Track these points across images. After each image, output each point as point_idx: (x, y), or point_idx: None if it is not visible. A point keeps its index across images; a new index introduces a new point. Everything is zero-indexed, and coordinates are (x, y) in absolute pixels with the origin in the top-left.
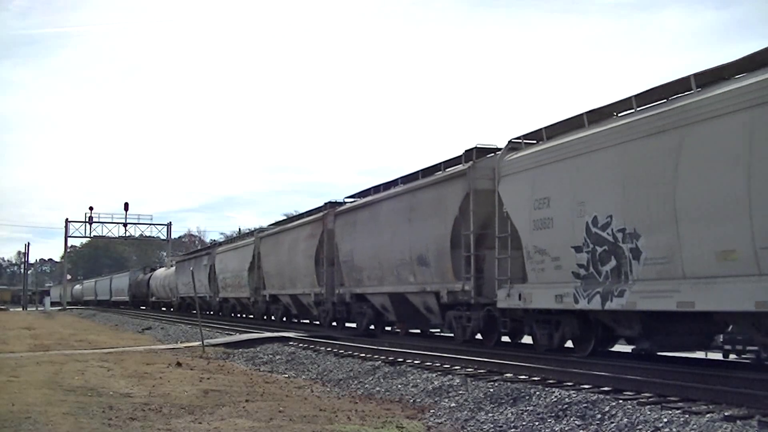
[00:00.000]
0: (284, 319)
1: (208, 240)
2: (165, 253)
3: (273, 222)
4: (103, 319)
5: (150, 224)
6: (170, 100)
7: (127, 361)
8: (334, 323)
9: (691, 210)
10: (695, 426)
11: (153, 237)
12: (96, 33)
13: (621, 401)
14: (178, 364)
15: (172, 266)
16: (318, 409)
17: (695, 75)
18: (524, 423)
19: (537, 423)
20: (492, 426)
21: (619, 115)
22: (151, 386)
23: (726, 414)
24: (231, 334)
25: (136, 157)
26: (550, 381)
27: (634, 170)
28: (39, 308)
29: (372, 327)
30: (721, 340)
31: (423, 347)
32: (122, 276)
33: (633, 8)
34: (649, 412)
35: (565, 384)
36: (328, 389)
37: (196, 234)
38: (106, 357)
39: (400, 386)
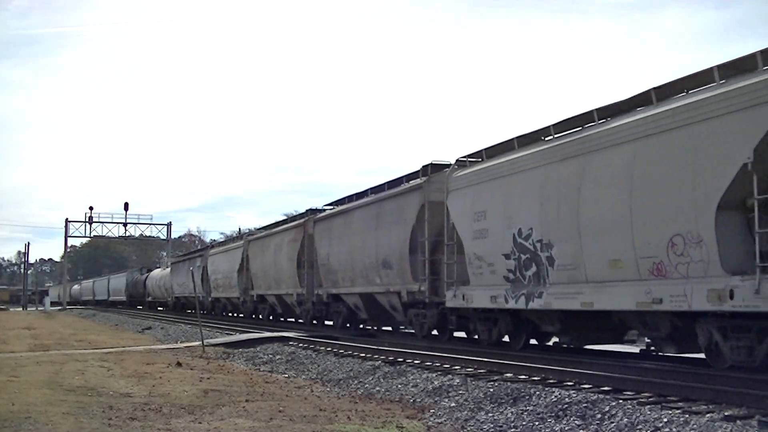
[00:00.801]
0: (270, 317)
1: (208, 240)
2: (165, 253)
3: (261, 226)
4: (103, 319)
5: (150, 224)
6: (170, 100)
7: (127, 361)
8: (315, 321)
9: (591, 225)
10: (695, 426)
11: (153, 237)
12: (96, 33)
13: (621, 401)
14: (178, 364)
15: (167, 267)
16: (318, 409)
17: (597, 109)
18: (524, 423)
19: (537, 423)
20: (492, 426)
21: (546, 138)
22: (151, 386)
23: (726, 414)
24: (231, 334)
25: (136, 157)
26: (550, 381)
27: (549, 190)
28: (39, 308)
29: (348, 325)
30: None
31: (423, 347)
32: (119, 276)
33: (633, 8)
34: (649, 412)
35: (565, 384)
36: (328, 389)
37: (196, 234)
38: (106, 357)
39: (400, 386)
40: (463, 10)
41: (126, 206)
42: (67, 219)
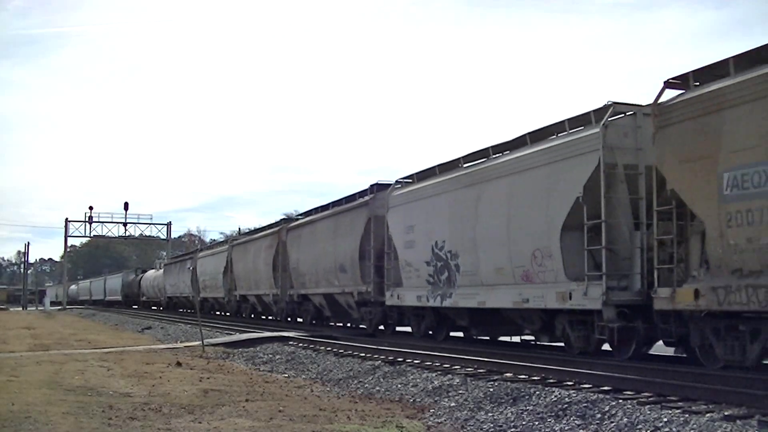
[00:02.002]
0: (252, 315)
1: (208, 240)
2: (165, 253)
3: (243, 232)
4: (103, 319)
5: (150, 224)
6: (170, 100)
7: (127, 361)
8: (289, 318)
9: (484, 240)
10: (695, 425)
11: (153, 237)
12: (96, 33)
13: (621, 401)
14: (178, 364)
15: (160, 269)
16: (318, 409)
17: (492, 146)
18: (524, 422)
19: (537, 422)
20: (492, 425)
21: (464, 165)
22: (150, 386)
23: (726, 413)
24: (231, 334)
25: (135, 157)
26: (550, 380)
27: (456, 210)
28: (39, 308)
29: (314, 321)
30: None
31: (423, 347)
32: (115, 277)
33: (633, 8)
34: (648, 412)
35: (565, 383)
36: (328, 389)
37: (196, 234)
38: (106, 357)
39: (399, 386)
40: (463, 10)
41: (126, 206)
42: (67, 219)
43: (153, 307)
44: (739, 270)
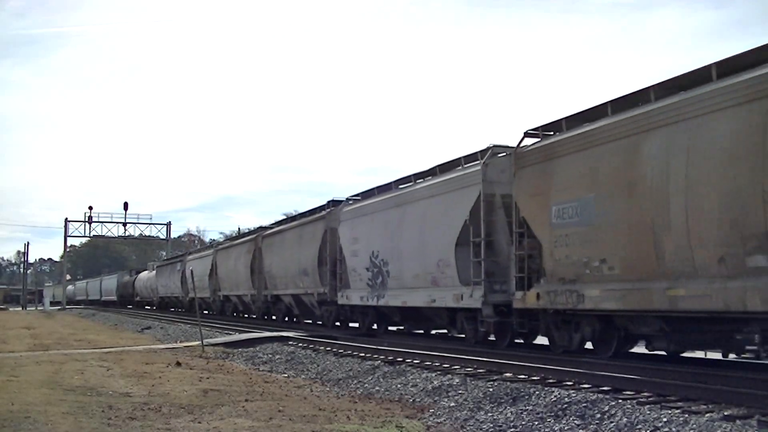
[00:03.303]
0: (234, 314)
1: (207, 240)
2: (165, 253)
3: (226, 238)
4: (103, 319)
5: (149, 224)
6: (170, 100)
7: (127, 361)
8: (265, 317)
9: (406, 251)
10: (694, 425)
11: (152, 236)
12: (96, 33)
13: (620, 401)
14: (178, 364)
15: (153, 270)
16: (317, 409)
17: (414, 174)
18: (524, 422)
19: (536, 422)
20: (491, 425)
21: (400, 187)
22: (150, 386)
23: (725, 413)
24: (230, 334)
25: (135, 157)
26: (550, 380)
27: (387, 226)
28: (39, 308)
29: (286, 318)
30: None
31: (422, 347)
32: (111, 278)
33: (632, 8)
34: (648, 412)
35: (564, 383)
36: (328, 389)
37: (196, 234)
38: (106, 356)
39: (399, 386)
40: (463, 10)
41: (125, 206)
42: (66, 219)
43: (147, 307)
44: (563, 278)
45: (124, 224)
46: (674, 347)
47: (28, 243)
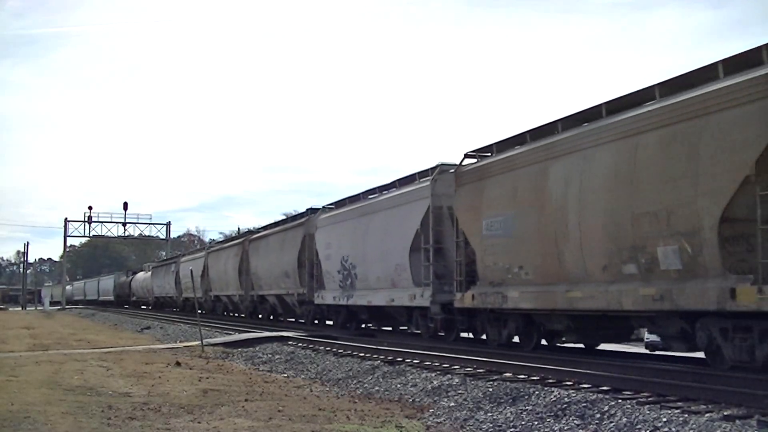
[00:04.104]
0: (225, 313)
1: (207, 240)
2: (164, 253)
3: (218, 240)
4: (102, 319)
5: (149, 224)
6: (170, 100)
7: (127, 361)
8: (252, 316)
9: (370, 256)
10: (694, 425)
11: (152, 236)
12: (95, 33)
13: (620, 401)
14: (177, 364)
15: (149, 271)
16: (317, 409)
17: (379, 187)
18: (523, 422)
19: (536, 422)
20: (491, 425)
21: (369, 197)
22: (150, 386)
23: (725, 413)
24: (230, 334)
25: (135, 157)
26: (550, 380)
27: (355, 234)
28: (38, 308)
29: (271, 317)
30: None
31: (422, 347)
32: (108, 278)
33: (632, 8)
34: (648, 412)
35: (564, 383)
36: (327, 389)
37: (195, 233)
38: (105, 356)
39: (399, 386)
40: (463, 10)
41: (125, 206)
42: (66, 219)
43: (143, 307)
44: (492, 282)
45: (124, 224)
46: (585, 340)
47: (27, 243)
